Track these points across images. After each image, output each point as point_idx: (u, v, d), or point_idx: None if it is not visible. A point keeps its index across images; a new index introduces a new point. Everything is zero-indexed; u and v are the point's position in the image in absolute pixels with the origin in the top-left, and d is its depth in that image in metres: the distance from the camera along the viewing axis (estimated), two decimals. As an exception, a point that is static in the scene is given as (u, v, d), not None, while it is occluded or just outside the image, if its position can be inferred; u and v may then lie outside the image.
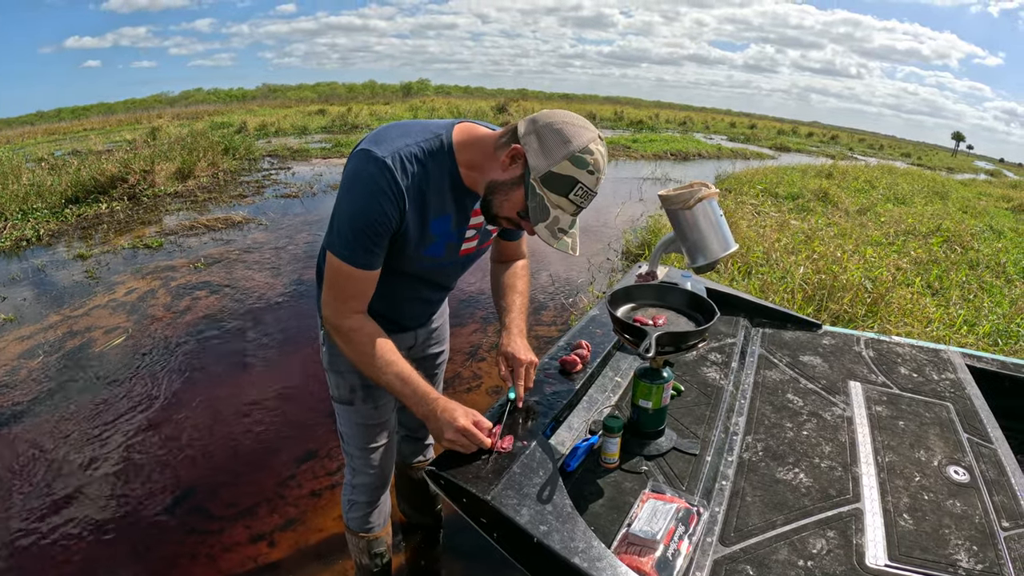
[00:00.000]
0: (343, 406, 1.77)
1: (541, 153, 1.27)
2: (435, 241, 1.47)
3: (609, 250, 6.78)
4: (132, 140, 14.86)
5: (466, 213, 1.48)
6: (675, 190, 1.88)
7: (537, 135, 1.27)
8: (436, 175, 1.38)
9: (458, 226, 1.49)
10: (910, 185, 14.08)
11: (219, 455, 3.00)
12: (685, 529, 1.26)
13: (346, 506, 1.93)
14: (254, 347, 4.19)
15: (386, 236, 1.37)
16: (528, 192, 1.30)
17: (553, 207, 1.29)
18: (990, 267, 6.47)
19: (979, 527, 1.32)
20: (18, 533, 2.48)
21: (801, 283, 4.59)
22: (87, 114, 38.54)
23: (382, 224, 1.34)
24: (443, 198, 1.41)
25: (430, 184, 1.38)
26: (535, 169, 1.28)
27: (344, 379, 1.73)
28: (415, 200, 1.36)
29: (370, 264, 1.40)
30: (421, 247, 1.46)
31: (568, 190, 1.27)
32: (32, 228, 7.13)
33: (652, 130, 27.22)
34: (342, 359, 1.66)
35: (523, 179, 1.31)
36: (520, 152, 1.29)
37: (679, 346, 1.48)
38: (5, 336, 4.33)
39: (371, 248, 1.37)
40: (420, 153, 1.36)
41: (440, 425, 1.38)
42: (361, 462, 1.82)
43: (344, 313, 1.46)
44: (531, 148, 1.28)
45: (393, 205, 1.33)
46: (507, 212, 1.37)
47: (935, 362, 2.10)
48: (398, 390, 1.45)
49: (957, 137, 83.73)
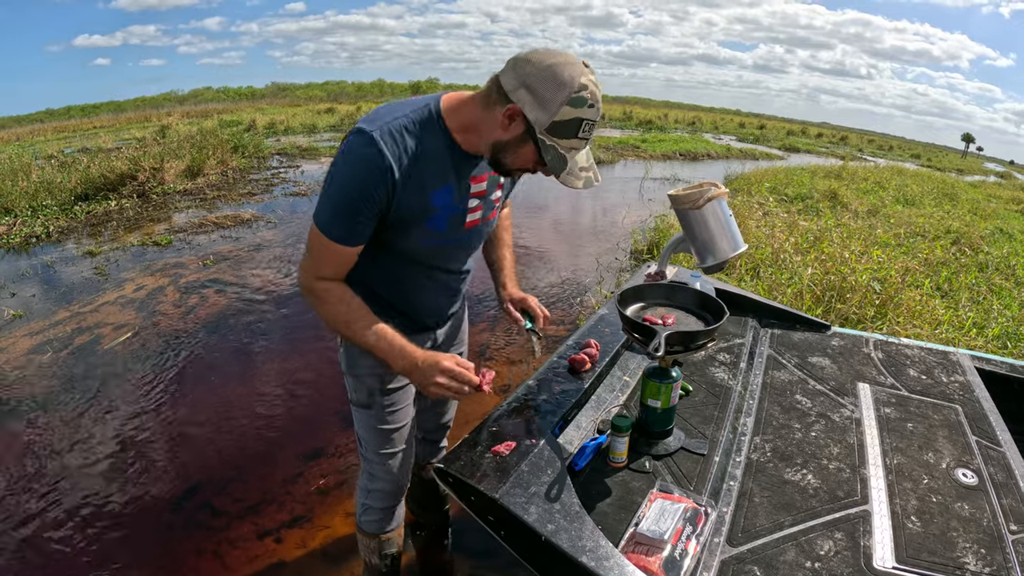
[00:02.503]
0: (362, 410, 1.74)
1: (538, 106, 1.25)
2: (437, 213, 1.45)
3: (618, 250, 6.77)
4: (142, 138, 14.92)
5: (466, 181, 1.47)
6: (685, 190, 1.88)
7: (527, 88, 1.25)
8: (430, 144, 1.37)
9: (460, 196, 1.47)
10: (920, 187, 14.00)
11: (226, 452, 3.01)
12: (693, 529, 1.26)
13: (360, 509, 1.90)
14: (262, 344, 4.21)
15: (370, 213, 1.36)
16: (540, 147, 1.29)
17: (567, 151, 1.29)
18: (1000, 269, 6.43)
19: (987, 530, 1.32)
20: (25, 527, 2.49)
21: (810, 284, 4.58)
22: (97, 112, 38.74)
23: (366, 200, 1.33)
24: (442, 167, 1.40)
25: (426, 154, 1.36)
26: (538, 123, 1.26)
27: (362, 382, 1.70)
28: (410, 173, 1.35)
29: (349, 239, 1.39)
30: (424, 220, 1.44)
31: (575, 131, 1.27)
32: (42, 225, 7.16)
33: (661, 130, 27.16)
34: (361, 361, 1.66)
35: (528, 134, 1.29)
36: (516, 111, 1.27)
37: (688, 346, 1.48)
38: (15, 332, 4.35)
39: (352, 224, 1.37)
40: (410, 125, 1.35)
41: (424, 373, 1.41)
42: (379, 467, 1.79)
43: (317, 277, 1.46)
44: (526, 103, 1.25)
45: (380, 181, 1.32)
46: (521, 165, 1.37)
47: (944, 364, 2.10)
48: (373, 344, 1.44)
49: (967, 139, 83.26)
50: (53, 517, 2.55)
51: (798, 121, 76.69)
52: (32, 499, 2.65)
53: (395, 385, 1.70)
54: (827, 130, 60.30)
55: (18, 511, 2.58)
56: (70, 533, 2.47)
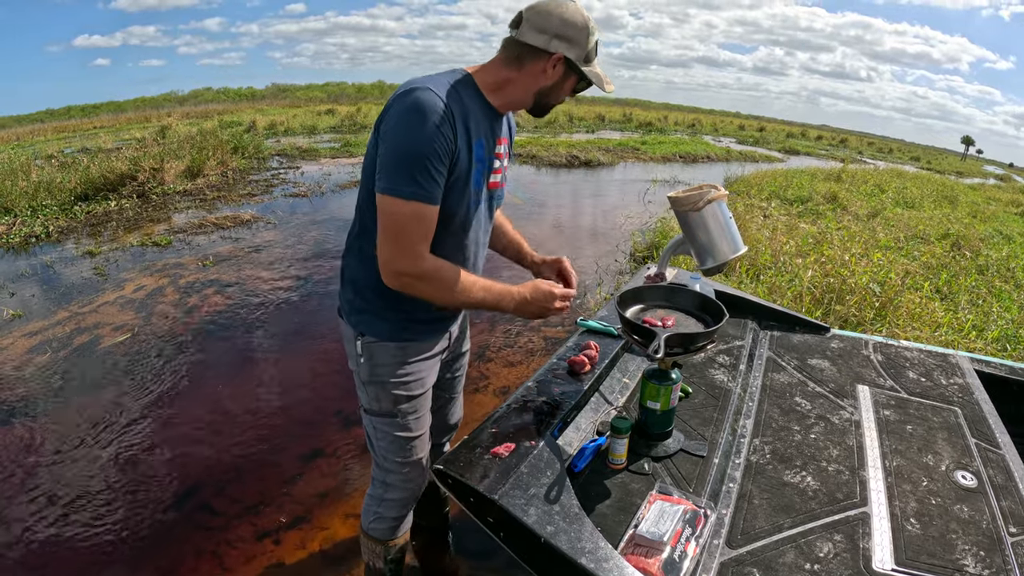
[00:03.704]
0: (383, 419, 1.72)
1: (573, 46, 1.47)
2: (477, 168, 1.53)
3: (617, 252, 6.77)
4: (142, 138, 14.92)
5: (494, 138, 1.58)
6: (684, 192, 1.88)
7: (559, 38, 1.45)
8: (469, 100, 1.48)
9: (490, 151, 1.57)
10: (919, 189, 14.02)
11: (225, 453, 3.01)
12: (692, 531, 1.27)
13: (370, 516, 1.88)
14: (261, 345, 4.20)
15: (446, 160, 1.41)
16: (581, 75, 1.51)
17: (591, 68, 1.52)
18: (999, 272, 6.43)
19: (986, 532, 1.32)
20: (23, 528, 2.49)
21: (809, 286, 4.58)
22: (97, 112, 38.70)
23: (441, 145, 1.39)
24: (480, 120, 1.51)
25: (468, 107, 1.47)
26: (579, 60, 1.48)
27: (386, 390, 1.67)
28: (462, 119, 1.44)
29: (431, 195, 1.41)
30: (471, 172, 1.51)
31: (596, 51, 1.52)
32: (41, 225, 7.15)
33: (661, 132, 27.16)
34: (386, 369, 1.65)
35: (569, 71, 1.50)
36: (559, 57, 1.47)
37: (688, 348, 1.48)
38: (14, 332, 4.35)
39: (430, 177, 1.39)
40: (452, 84, 1.46)
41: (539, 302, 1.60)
42: (397, 476, 1.79)
43: (421, 256, 1.45)
44: (564, 48, 1.46)
45: (446, 121, 1.39)
46: (563, 98, 1.58)
47: (943, 367, 2.10)
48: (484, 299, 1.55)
49: (967, 141, 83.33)
50: (51, 517, 2.54)
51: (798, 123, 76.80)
52: (30, 499, 2.65)
53: (418, 392, 1.71)
54: (827, 132, 60.34)
55: (16, 511, 2.58)
56: (68, 534, 2.47)
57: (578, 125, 26.98)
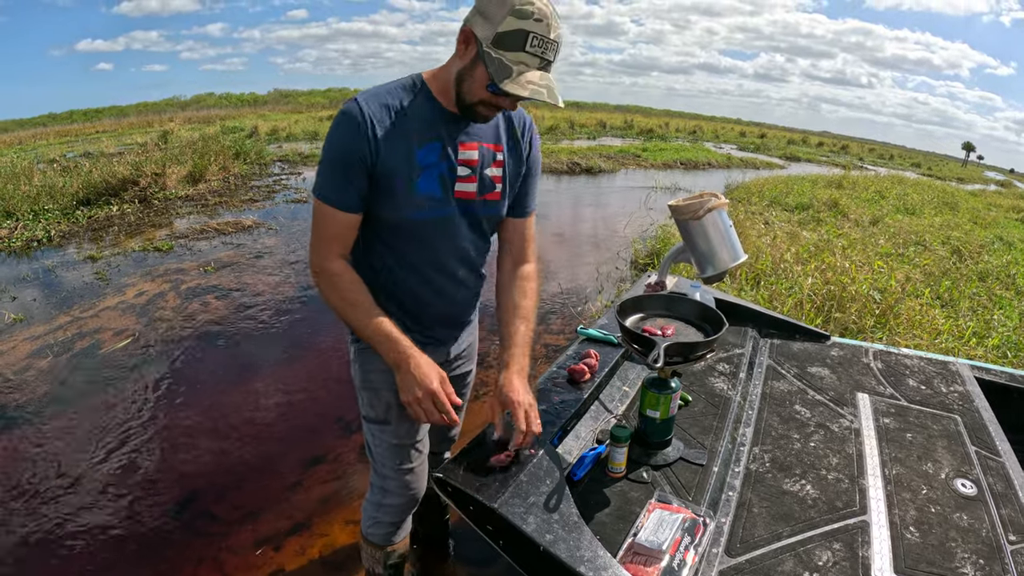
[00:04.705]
0: (377, 425, 1.70)
1: (485, 22, 1.30)
2: (427, 171, 1.45)
3: (618, 259, 6.78)
4: (144, 143, 14.94)
5: (454, 142, 1.47)
6: (685, 200, 1.89)
7: (479, 11, 1.31)
8: (414, 105, 1.42)
9: (447, 156, 1.46)
10: (920, 196, 14.03)
11: (226, 458, 3.01)
12: (691, 539, 1.27)
13: (368, 522, 1.86)
14: (262, 352, 4.21)
15: (357, 169, 1.39)
16: (486, 61, 1.31)
17: (515, 64, 1.30)
18: (1000, 279, 6.43)
19: (986, 541, 1.32)
20: (23, 533, 2.49)
21: (810, 294, 4.58)
22: (99, 116, 38.78)
23: (350, 154, 1.38)
24: (428, 124, 1.44)
25: (410, 112, 1.42)
26: (485, 39, 1.30)
27: (379, 397, 1.65)
28: (393, 126, 1.39)
29: (342, 200, 1.42)
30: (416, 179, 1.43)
31: (522, 44, 1.28)
32: (43, 229, 7.16)
33: (662, 139, 27.19)
34: (377, 376, 1.63)
35: (479, 55, 1.32)
36: (468, 31, 1.33)
37: (687, 356, 1.49)
38: (15, 336, 4.35)
39: (343, 183, 1.41)
40: (394, 90, 1.43)
41: (411, 381, 1.40)
42: (395, 483, 1.75)
43: (326, 255, 1.47)
44: (477, 23, 1.32)
45: (360, 133, 1.37)
46: (478, 94, 1.37)
47: (943, 374, 2.10)
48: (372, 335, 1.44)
49: (967, 147, 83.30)
50: (51, 523, 2.54)
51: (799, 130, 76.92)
52: (30, 505, 2.65)
53: None
54: (828, 139, 60.44)
55: (15, 516, 2.58)
56: (68, 539, 2.46)
57: (579, 132, 27.00)
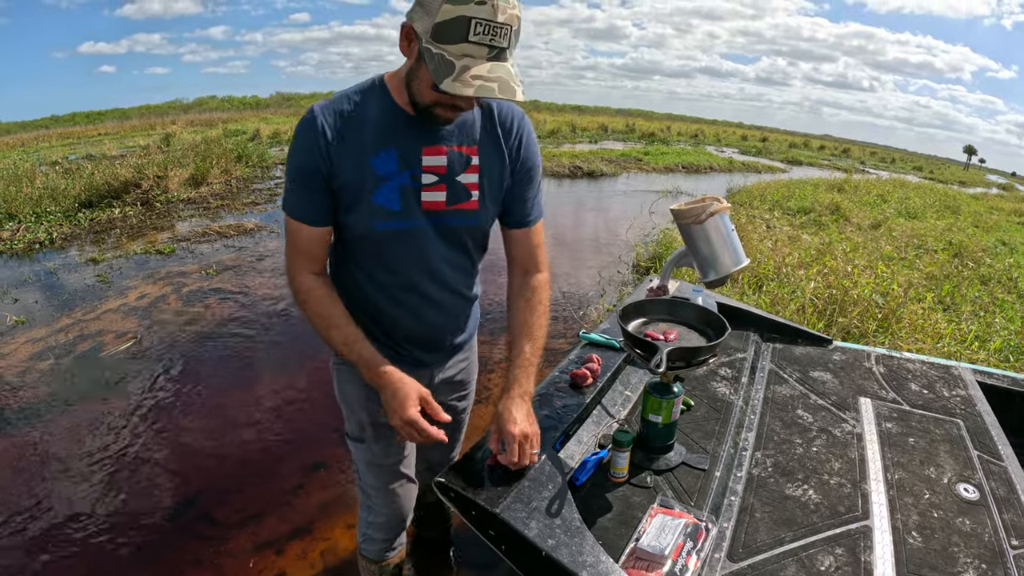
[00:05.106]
0: (355, 443, 1.67)
1: (423, 13, 1.17)
2: (385, 183, 1.35)
3: (620, 263, 6.78)
4: (146, 146, 14.97)
5: (415, 149, 1.36)
6: (687, 204, 1.89)
7: (418, 3, 1.19)
8: (370, 108, 1.34)
9: (408, 166, 1.36)
10: (922, 199, 14.03)
11: (226, 462, 3.01)
12: (693, 544, 1.26)
13: (361, 536, 1.84)
14: (264, 355, 4.21)
15: (316, 181, 1.34)
16: (426, 59, 1.19)
17: (458, 59, 1.15)
18: (1002, 282, 6.43)
19: (988, 545, 1.32)
20: (22, 535, 2.49)
21: (812, 298, 4.58)
22: (102, 119, 38.81)
23: (307, 166, 1.33)
24: (383, 130, 1.34)
25: (364, 117, 1.34)
26: (424, 32, 1.17)
27: (354, 414, 1.63)
28: (344, 134, 1.32)
29: (306, 214, 1.38)
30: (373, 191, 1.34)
31: (464, 33, 1.13)
32: (45, 231, 7.17)
33: (664, 143, 27.16)
34: (351, 390, 1.61)
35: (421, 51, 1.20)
36: (408, 27, 1.21)
37: (690, 361, 1.48)
38: (16, 338, 4.36)
39: (305, 195, 1.36)
40: (352, 94, 1.36)
41: (391, 407, 1.36)
42: (378, 501, 1.73)
43: (297, 270, 1.43)
44: (416, 16, 1.19)
45: (314, 143, 1.31)
46: (427, 95, 1.25)
47: (946, 378, 2.10)
48: (347, 356, 1.42)
49: (969, 151, 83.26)
50: (50, 525, 2.55)
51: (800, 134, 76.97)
52: (30, 507, 2.65)
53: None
54: (829, 143, 60.42)
55: (15, 518, 2.58)
56: (68, 542, 2.47)
57: (581, 135, 27.00)
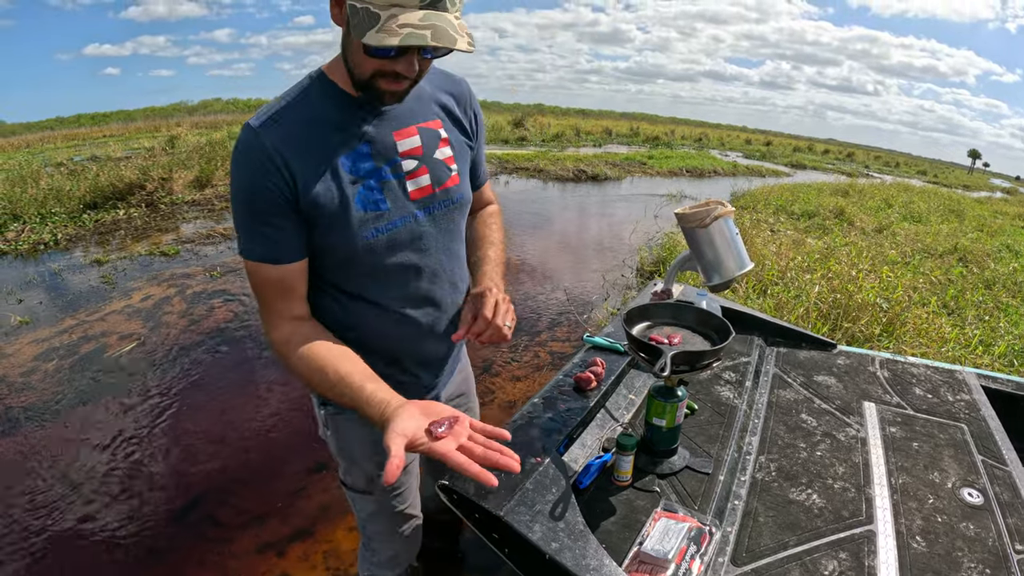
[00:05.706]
0: (357, 494, 1.56)
1: None
2: (366, 183, 1.22)
3: (624, 267, 6.77)
4: (151, 147, 14.98)
5: (385, 136, 1.24)
6: (691, 208, 1.89)
7: None
8: (320, 107, 1.19)
9: (386, 156, 1.24)
10: (926, 203, 13.99)
11: (230, 464, 3.02)
12: (697, 548, 1.26)
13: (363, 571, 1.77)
14: (268, 357, 4.21)
15: (278, 211, 1.15)
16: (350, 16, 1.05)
17: (384, 8, 1.01)
18: (1007, 287, 6.42)
19: (992, 550, 1.31)
20: (25, 536, 2.50)
21: (816, 302, 4.57)
22: (107, 121, 38.85)
23: (263, 197, 1.14)
24: (344, 126, 1.20)
25: (317, 119, 1.18)
26: None
27: (359, 467, 1.52)
28: (300, 143, 1.15)
29: (272, 253, 1.18)
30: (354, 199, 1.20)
31: None
32: (50, 232, 7.20)
33: (668, 146, 27.16)
34: (354, 445, 1.50)
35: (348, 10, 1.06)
36: None
37: (694, 365, 1.48)
38: (21, 339, 4.37)
39: (265, 232, 1.16)
40: (290, 99, 1.18)
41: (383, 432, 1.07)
42: (380, 543, 1.67)
43: (272, 323, 1.23)
44: None
45: (264, 166, 1.12)
46: (363, 64, 1.11)
47: (950, 383, 2.09)
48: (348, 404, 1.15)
49: (973, 155, 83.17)
50: (53, 526, 2.55)
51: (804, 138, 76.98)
52: (33, 507, 2.65)
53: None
54: (833, 147, 60.44)
55: (18, 518, 2.58)
56: (70, 542, 2.47)
57: (585, 139, 27.00)
